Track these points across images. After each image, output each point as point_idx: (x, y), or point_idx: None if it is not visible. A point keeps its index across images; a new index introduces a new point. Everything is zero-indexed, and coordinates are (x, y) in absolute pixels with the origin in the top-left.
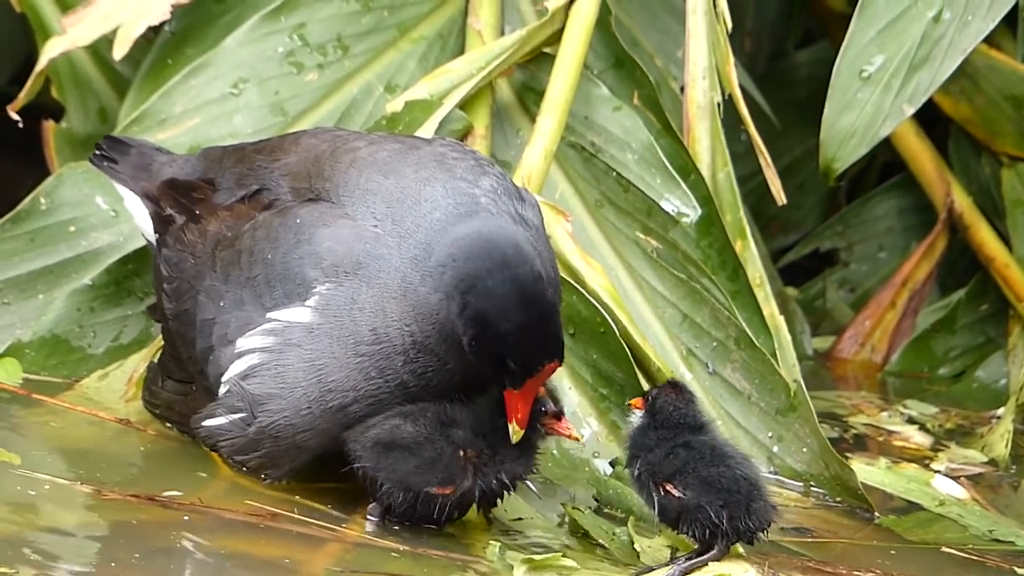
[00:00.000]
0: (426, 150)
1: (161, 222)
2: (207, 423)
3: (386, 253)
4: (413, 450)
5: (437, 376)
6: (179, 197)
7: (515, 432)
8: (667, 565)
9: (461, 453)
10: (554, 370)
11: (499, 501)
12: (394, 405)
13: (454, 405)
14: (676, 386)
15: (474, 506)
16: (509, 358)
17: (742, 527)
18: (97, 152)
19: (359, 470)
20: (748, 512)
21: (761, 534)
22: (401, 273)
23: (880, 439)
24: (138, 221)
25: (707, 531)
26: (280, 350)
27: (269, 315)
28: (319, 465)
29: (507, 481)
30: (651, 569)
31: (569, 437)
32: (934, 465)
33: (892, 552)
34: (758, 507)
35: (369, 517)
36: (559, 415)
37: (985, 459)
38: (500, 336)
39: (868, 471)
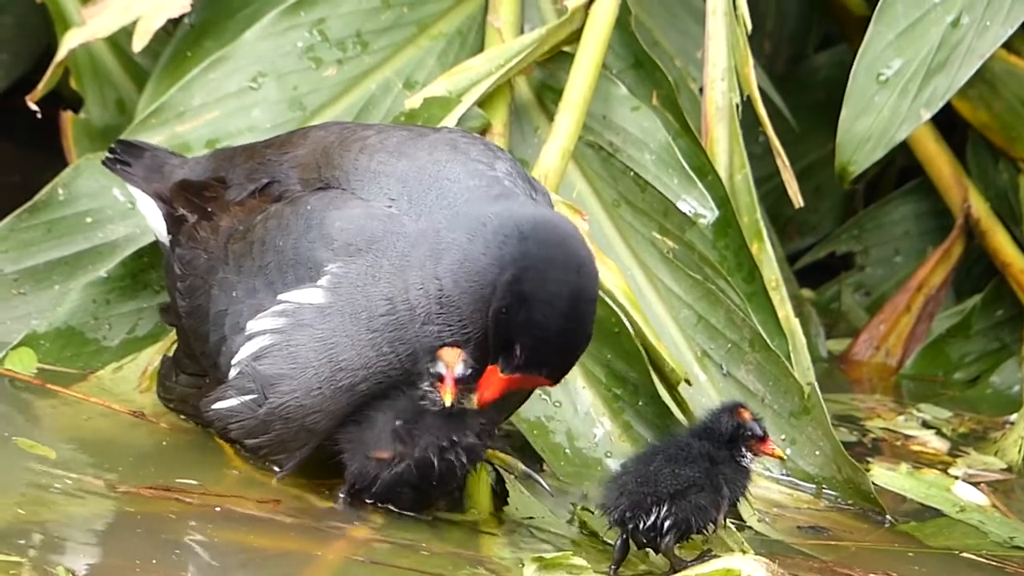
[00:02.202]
0: (435, 136)
1: (174, 222)
2: (217, 406)
3: (401, 229)
4: (365, 423)
5: (452, 338)
6: (191, 197)
7: (470, 401)
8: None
9: (398, 422)
10: (542, 384)
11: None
12: (400, 384)
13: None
14: None
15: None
16: (518, 345)
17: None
18: (110, 155)
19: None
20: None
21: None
22: (427, 238)
23: (897, 443)
24: (151, 222)
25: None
26: (291, 331)
27: (280, 296)
28: (329, 459)
29: (446, 444)
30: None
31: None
32: (952, 471)
33: (910, 555)
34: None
35: (340, 495)
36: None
37: (1004, 465)
38: (527, 324)
39: (889, 476)
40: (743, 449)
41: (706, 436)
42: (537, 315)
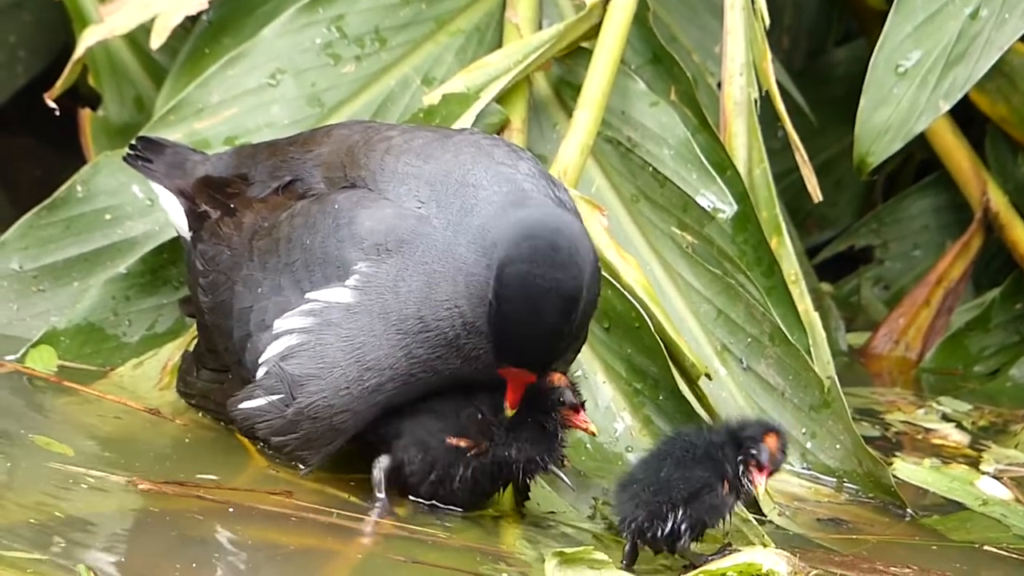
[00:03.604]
0: (459, 138)
1: (196, 218)
2: (244, 405)
3: (432, 233)
4: (437, 413)
5: (487, 357)
6: (214, 193)
7: (506, 409)
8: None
9: (480, 416)
10: (529, 379)
11: (519, 483)
12: (432, 389)
13: (475, 389)
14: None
15: (509, 498)
16: (492, 339)
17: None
18: (131, 151)
19: (375, 438)
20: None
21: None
22: (452, 255)
23: (918, 437)
24: (173, 218)
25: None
26: (319, 330)
27: (308, 295)
28: (351, 455)
29: (521, 458)
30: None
31: (585, 430)
32: (984, 467)
33: (934, 548)
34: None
35: (376, 466)
36: (576, 407)
37: None
38: (497, 317)
39: (911, 470)
40: (741, 459)
41: (722, 432)
42: (503, 312)
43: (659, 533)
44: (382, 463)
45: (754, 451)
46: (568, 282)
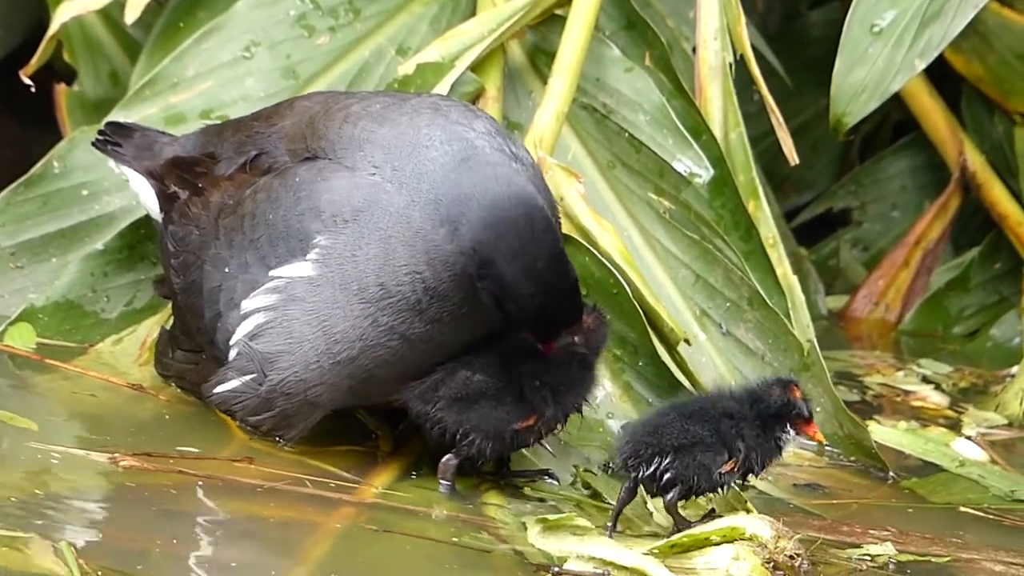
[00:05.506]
0: (416, 101)
1: (166, 200)
2: (219, 389)
3: (385, 199)
4: (496, 397)
5: (453, 320)
6: (183, 173)
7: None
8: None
9: (536, 383)
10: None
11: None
12: (411, 360)
13: (511, 346)
14: None
15: (491, 466)
16: (528, 330)
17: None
18: (100, 137)
19: (436, 429)
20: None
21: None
22: (406, 218)
23: (897, 399)
24: (144, 200)
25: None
26: (284, 306)
27: (271, 273)
28: (332, 427)
29: (578, 406)
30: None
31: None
32: (966, 431)
33: (910, 511)
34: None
35: (443, 481)
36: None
37: (1004, 420)
38: (519, 314)
39: (887, 432)
40: (788, 426)
41: (746, 400)
42: (520, 308)
43: (641, 473)
44: (449, 465)
45: (797, 411)
46: (555, 241)
